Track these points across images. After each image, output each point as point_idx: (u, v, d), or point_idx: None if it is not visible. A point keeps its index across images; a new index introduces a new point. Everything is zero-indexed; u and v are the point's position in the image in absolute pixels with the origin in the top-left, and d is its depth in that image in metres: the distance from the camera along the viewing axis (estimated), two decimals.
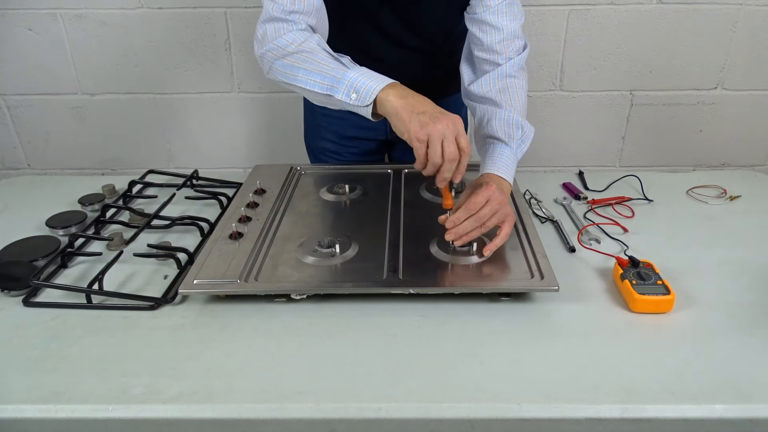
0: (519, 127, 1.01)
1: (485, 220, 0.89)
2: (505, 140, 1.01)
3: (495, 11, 1.00)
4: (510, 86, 1.03)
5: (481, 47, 1.03)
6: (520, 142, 1.02)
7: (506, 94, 1.02)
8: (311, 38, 0.91)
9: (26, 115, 1.94)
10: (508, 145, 1.01)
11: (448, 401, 0.69)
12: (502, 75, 1.03)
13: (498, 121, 1.01)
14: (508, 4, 1.01)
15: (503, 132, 1.01)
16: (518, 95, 1.03)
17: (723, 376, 0.72)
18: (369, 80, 0.84)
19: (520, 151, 1.03)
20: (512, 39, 1.02)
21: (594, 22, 1.75)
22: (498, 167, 0.99)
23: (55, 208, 1.15)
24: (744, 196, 1.16)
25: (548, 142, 1.95)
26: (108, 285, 0.90)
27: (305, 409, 0.69)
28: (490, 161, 1.00)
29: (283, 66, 0.90)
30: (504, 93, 1.02)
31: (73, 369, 0.75)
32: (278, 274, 0.91)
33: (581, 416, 0.68)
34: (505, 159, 1.00)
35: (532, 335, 0.80)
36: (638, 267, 0.89)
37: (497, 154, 1.00)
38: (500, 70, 1.03)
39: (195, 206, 1.18)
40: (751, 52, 1.79)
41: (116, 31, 1.79)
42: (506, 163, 0.99)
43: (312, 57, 0.88)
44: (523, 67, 1.05)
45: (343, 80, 0.85)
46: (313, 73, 0.87)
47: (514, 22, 1.02)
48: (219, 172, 1.32)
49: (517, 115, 1.01)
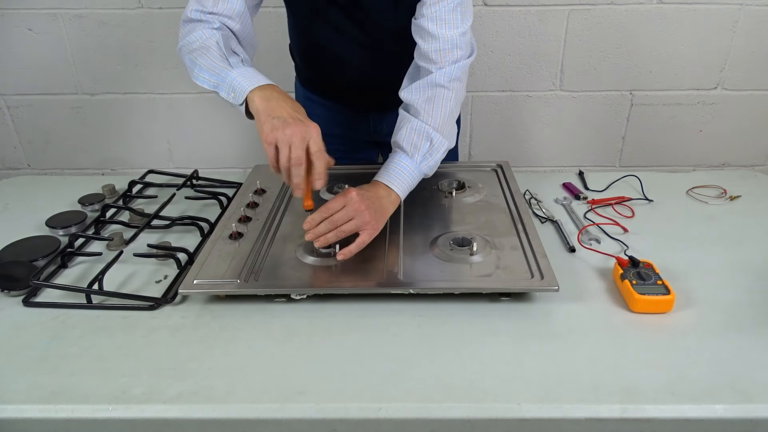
0: (428, 139, 0.98)
1: (339, 224, 0.89)
2: (408, 151, 0.98)
3: (434, 18, 0.96)
4: (437, 96, 0.99)
5: (418, 53, 1.01)
6: (426, 155, 0.99)
7: (430, 105, 0.99)
8: (213, 36, 0.92)
9: (26, 115, 1.94)
10: (410, 157, 0.98)
11: (448, 401, 0.69)
12: (432, 84, 0.99)
13: (408, 130, 0.99)
14: (450, 11, 0.96)
15: (409, 142, 0.98)
16: (442, 107, 0.99)
17: (723, 376, 0.72)
18: (245, 81, 0.87)
19: (425, 164, 0.99)
20: (450, 49, 0.97)
21: (594, 22, 1.75)
22: (388, 177, 0.97)
23: (55, 208, 1.15)
24: (744, 196, 1.16)
25: (548, 142, 1.95)
26: (108, 285, 0.90)
27: (305, 409, 0.69)
28: (384, 169, 0.99)
29: (189, 61, 0.94)
30: (429, 103, 0.99)
31: (73, 369, 0.75)
32: (278, 274, 0.91)
33: (581, 416, 0.68)
34: (400, 170, 0.98)
35: (532, 335, 0.80)
36: (638, 267, 0.89)
37: (394, 163, 0.98)
38: (430, 78, 0.99)
39: (195, 206, 1.18)
40: (751, 52, 1.79)
41: (116, 31, 1.79)
42: (399, 174, 0.97)
43: (207, 54, 0.91)
44: (457, 77, 0.99)
45: (226, 79, 0.88)
46: (205, 70, 0.91)
47: (454, 30, 0.97)
48: (219, 172, 1.32)
49: (430, 127, 0.98)
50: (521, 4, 1.73)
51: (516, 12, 1.74)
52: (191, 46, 0.93)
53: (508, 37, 1.78)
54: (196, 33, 0.94)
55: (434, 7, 0.96)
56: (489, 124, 1.92)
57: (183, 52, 0.96)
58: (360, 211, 0.90)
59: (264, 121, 0.84)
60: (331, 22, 1.07)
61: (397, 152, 1.00)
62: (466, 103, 1.87)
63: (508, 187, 1.15)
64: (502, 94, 1.87)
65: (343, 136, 1.30)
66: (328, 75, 1.21)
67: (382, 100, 1.21)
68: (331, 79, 1.22)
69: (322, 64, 1.20)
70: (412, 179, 0.99)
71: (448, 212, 1.08)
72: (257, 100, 0.85)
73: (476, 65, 1.82)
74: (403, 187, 0.98)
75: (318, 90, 1.27)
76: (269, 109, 0.84)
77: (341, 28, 1.07)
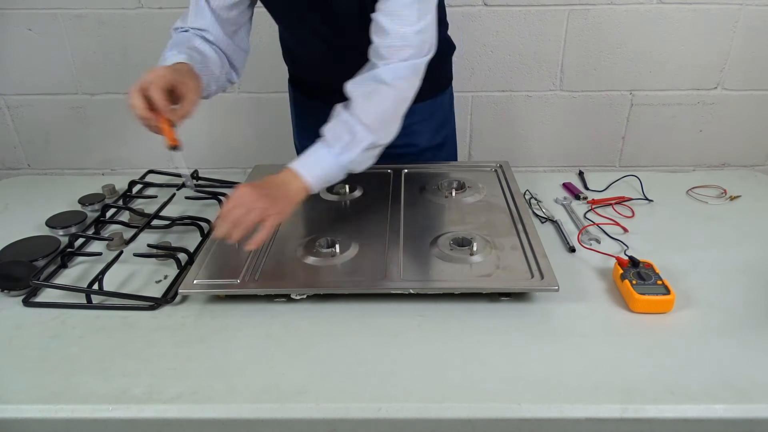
0: (351, 132, 0.94)
1: (240, 221, 0.87)
2: (329, 141, 0.95)
3: (388, 13, 0.92)
4: (377, 92, 0.94)
5: (371, 49, 0.96)
6: (345, 147, 0.94)
7: (366, 99, 0.94)
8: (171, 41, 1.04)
9: (26, 115, 1.94)
10: (328, 147, 0.95)
11: (448, 401, 0.69)
12: (375, 78, 0.94)
13: (335, 121, 0.96)
14: (406, 6, 0.92)
15: (332, 133, 0.95)
16: (378, 105, 0.94)
17: (723, 376, 0.72)
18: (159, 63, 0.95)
19: (345, 157, 0.95)
20: (401, 46, 0.93)
21: (594, 22, 1.75)
22: (300, 163, 0.94)
23: (55, 208, 1.15)
24: (744, 196, 1.16)
25: (548, 142, 1.95)
26: (108, 285, 0.90)
27: (305, 409, 0.69)
28: (301, 156, 0.96)
29: None
30: (365, 98, 0.94)
31: (73, 369, 0.75)
32: (278, 274, 0.91)
33: (581, 416, 0.68)
34: (314, 157, 0.95)
35: (532, 335, 0.80)
36: (638, 267, 0.88)
37: (311, 151, 0.96)
38: (375, 73, 0.94)
39: (195, 206, 1.18)
40: (751, 52, 1.79)
41: (116, 31, 1.79)
42: (313, 163, 0.94)
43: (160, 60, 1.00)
44: (402, 76, 0.94)
45: None
46: None
47: (408, 27, 0.92)
48: (219, 172, 1.32)
49: (358, 121, 0.94)
50: (521, 4, 1.73)
51: (516, 12, 1.74)
52: None
53: (508, 37, 1.78)
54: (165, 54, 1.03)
55: (390, 2, 0.92)
56: (489, 124, 1.92)
57: None
58: (254, 201, 0.88)
59: None
60: (308, 25, 1.07)
61: (317, 141, 0.97)
62: (466, 103, 1.87)
63: (508, 187, 1.15)
64: (502, 94, 1.87)
65: None
66: (312, 77, 1.22)
67: None
68: (315, 81, 1.23)
69: (304, 67, 1.22)
70: (328, 170, 0.95)
71: (448, 212, 1.08)
72: None
73: (476, 65, 1.82)
74: (314, 174, 0.94)
75: (310, 93, 1.27)
76: None
77: (320, 32, 1.07)
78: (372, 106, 0.94)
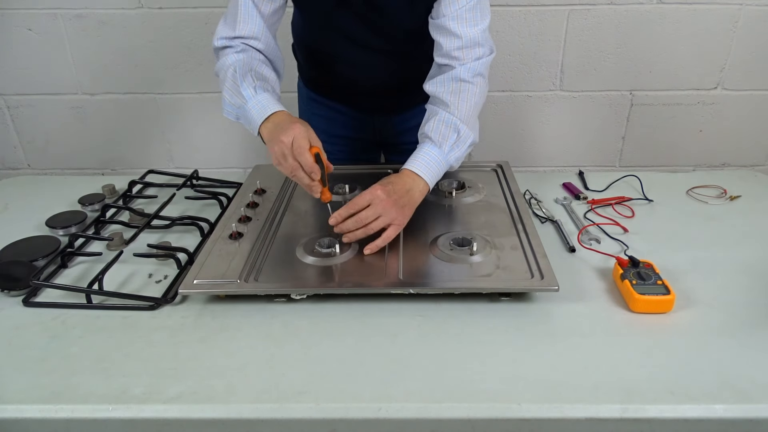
0: (455, 130, 1.01)
1: (366, 222, 0.92)
2: (437, 141, 1.01)
3: (455, 17, 0.98)
4: (462, 90, 1.01)
5: (440, 52, 1.02)
6: (453, 145, 1.02)
7: (456, 97, 1.01)
8: (231, 65, 0.99)
9: (26, 115, 1.94)
10: (438, 147, 1.01)
11: (448, 401, 0.69)
12: (456, 78, 1.01)
13: (437, 122, 1.02)
14: (470, 9, 0.98)
15: (438, 132, 1.01)
16: (468, 100, 1.02)
17: (723, 376, 0.72)
18: (256, 114, 0.95)
19: (452, 155, 1.02)
20: (472, 46, 1.00)
21: (594, 22, 1.75)
22: (417, 165, 0.99)
23: (55, 208, 1.15)
24: (744, 196, 1.16)
25: (548, 142, 1.95)
26: (108, 285, 0.90)
27: (305, 409, 0.69)
28: (412, 157, 1.01)
29: (222, 88, 1.02)
30: (454, 95, 1.01)
31: (73, 369, 0.75)
32: (278, 274, 0.91)
33: (581, 416, 0.68)
34: (428, 158, 1.00)
35: (532, 335, 0.80)
36: (638, 267, 0.89)
37: (423, 152, 1.01)
38: (454, 73, 1.01)
39: (195, 206, 1.18)
40: (751, 52, 1.79)
41: (116, 31, 1.79)
42: (428, 163, 1.00)
43: (227, 85, 1.00)
44: (480, 73, 1.03)
45: (242, 111, 0.98)
46: (228, 104, 1.01)
47: (475, 28, 0.99)
48: (219, 172, 1.32)
49: (457, 119, 1.01)
50: (521, 4, 1.73)
51: (516, 12, 1.74)
52: (218, 75, 1.03)
53: (508, 37, 1.78)
54: (219, 62, 1.02)
55: (454, 6, 0.97)
56: (489, 124, 1.92)
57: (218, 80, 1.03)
58: (386, 209, 0.93)
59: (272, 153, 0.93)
60: (341, 25, 1.07)
61: (425, 142, 1.02)
62: None
63: (508, 187, 1.15)
64: (502, 94, 1.87)
65: (347, 137, 1.30)
66: (334, 77, 1.21)
67: (387, 102, 1.21)
68: (336, 80, 1.22)
69: (327, 66, 1.20)
70: (440, 169, 1.01)
71: (448, 212, 1.08)
72: (265, 134, 0.95)
73: None
74: (431, 175, 1.00)
75: (321, 91, 1.27)
76: (272, 140, 0.92)
77: (351, 31, 1.07)
78: (463, 103, 1.01)
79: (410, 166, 1.00)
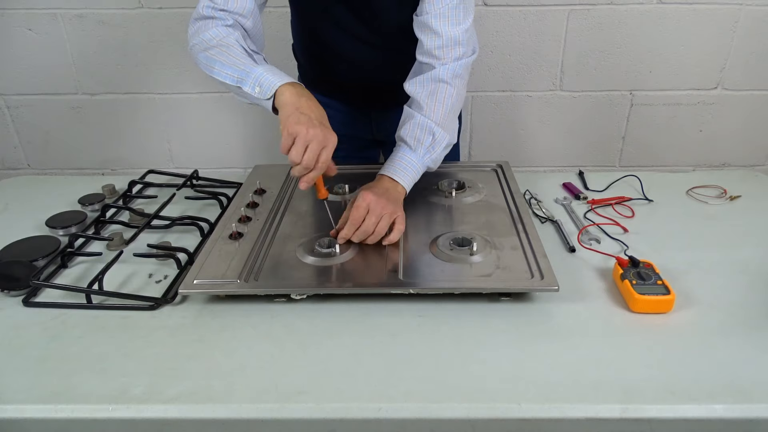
0: (430, 133, 1.02)
1: (372, 228, 0.94)
2: (412, 145, 1.03)
3: (437, 15, 0.98)
4: (439, 91, 1.02)
5: (421, 50, 1.03)
6: (428, 148, 1.03)
7: (432, 99, 1.02)
8: (231, 34, 0.95)
9: (26, 115, 1.94)
10: (413, 150, 1.03)
11: (448, 401, 0.69)
12: (435, 79, 1.02)
13: (412, 125, 1.03)
14: (453, 8, 0.98)
15: (412, 137, 1.03)
16: (443, 103, 1.02)
17: (723, 376, 0.72)
18: (272, 76, 0.90)
19: (428, 157, 1.04)
20: (452, 45, 1.00)
21: (594, 22, 1.75)
22: (394, 170, 1.02)
23: (55, 208, 1.15)
24: (744, 196, 1.16)
25: (548, 142, 1.95)
26: (108, 285, 0.90)
27: (305, 409, 0.69)
28: (389, 163, 1.04)
29: (204, 58, 0.95)
30: (431, 97, 1.02)
31: (73, 369, 0.75)
32: (278, 274, 0.91)
33: (581, 416, 0.68)
34: (404, 163, 1.03)
35: (532, 335, 0.80)
36: (638, 267, 0.88)
37: (398, 157, 1.03)
38: (433, 73, 1.02)
39: (195, 206, 1.18)
40: (751, 52, 1.79)
41: (116, 31, 1.79)
42: (404, 168, 1.02)
43: (228, 51, 0.94)
44: (459, 74, 1.03)
45: (251, 74, 0.91)
46: (227, 66, 0.93)
47: (457, 27, 0.99)
48: (219, 172, 1.32)
49: (432, 121, 1.02)
50: (521, 4, 1.73)
51: (516, 12, 1.74)
52: (207, 43, 0.95)
53: (508, 37, 1.78)
54: (212, 31, 0.95)
55: (437, 4, 0.97)
56: (489, 124, 1.92)
57: (196, 50, 0.97)
58: (384, 208, 0.95)
59: (290, 114, 0.87)
60: (337, 20, 1.08)
61: (401, 146, 1.05)
62: (466, 103, 1.87)
63: (508, 187, 1.15)
64: (502, 94, 1.87)
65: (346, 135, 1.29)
66: (333, 73, 1.22)
67: (384, 98, 1.21)
68: (335, 77, 1.22)
69: (326, 62, 1.21)
70: (416, 172, 1.04)
71: (448, 212, 1.08)
72: (287, 94, 0.89)
73: (476, 65, 1.81)
74: (407, 179, 1.02)
75: (321, 89, 1.27)
76: (299, 105, 0.87)
77: (347, 26, 1.08)
78: (439, 105, 1.02)
79: (386, 172, 1.02)
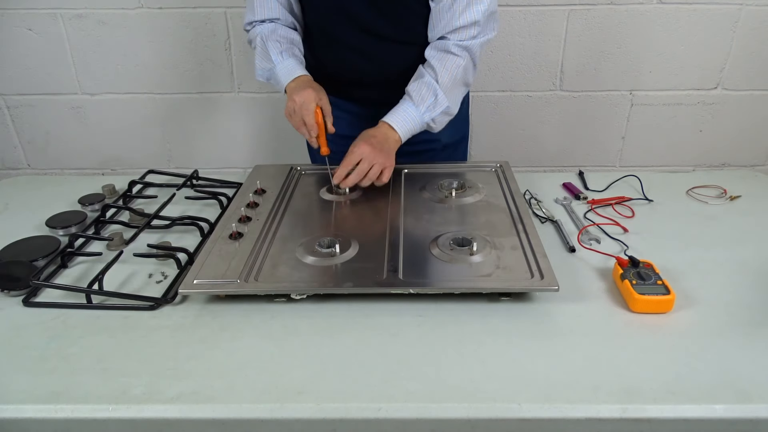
0: (434, 94, 1.10)
1: (364, 173, 1.08)
2: (416, 100, 1.10)
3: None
4: (448, 60, 1.10)
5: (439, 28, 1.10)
6: (429, 107, 1.11)
7: (441, 63, 1.10)
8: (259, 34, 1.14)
9: (26, 115, 1.94)
10: (416, 105, 1.10)
11: (448, 401, 0.69)
12: (446, 49, 1.10)
13: (420, 83, 1.11)
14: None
15: (418, 93, 1.11)
16: (450, 70, 1.10)
17: (723, 376, 0.72)
18: (283, 76, 1.12)
19: (428, 115, 1.11)
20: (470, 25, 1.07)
21: (594, 22, 1.75)
22: (393, 119, 1.11)
23: (55, 208, 1.15)
24: (744, 196, 1.16)
25: (548, 142, 1.95)
26: (108, 285, 0.90)
27: (305, 409, 0.69)
28: (392, 112, 1.12)
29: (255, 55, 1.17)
30: (440, 62, 1.10)
31: (73, 369, 0.75)
32: (278, 274, 0.91)
33: (581, 416, 0.68)
34: (404, 114, 1.11)
35: (532, 335, 0.80)
36: (638, 267, 0.88)
37: (402, 109, 1.11)
38: (446, 44, 1.10)
39: (195, 206, 1.18)
40: (751, 52, 1.79)
41: (116, 31, 1.79)
42: (403, 118, 1.10)
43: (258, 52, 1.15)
44: (469, 48, 1.10)
45: (272, 73, 1.14)
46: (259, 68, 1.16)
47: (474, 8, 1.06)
48: (219, 172, 1.32)
49: (438, 84, 1.10)
50: (521, 4, 1.73)
51: (516, 12, 1.74)
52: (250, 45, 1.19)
53: (508, 37, 1.78)
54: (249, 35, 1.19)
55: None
56: (489, 124, 1.92)
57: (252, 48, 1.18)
58: (376, 157, 1.07)
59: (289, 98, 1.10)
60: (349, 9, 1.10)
61: (406, 99, 1.12)
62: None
63: (508, 187, 1.15)
64: (502, 94, 1.88)
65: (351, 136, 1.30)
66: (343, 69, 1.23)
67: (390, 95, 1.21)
68: (342, 73, 1.23)
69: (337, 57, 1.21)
70: (414, 126, 1.12)
71: (448, 212, 1.08)
72: (288, 91, 1.11)
73: None
74: (405, 130, 1.11)
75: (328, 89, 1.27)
76: (288, 97, 1.10)
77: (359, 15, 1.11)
78: (446, 71, 1.10)
79: (388, 120, 1.11)
